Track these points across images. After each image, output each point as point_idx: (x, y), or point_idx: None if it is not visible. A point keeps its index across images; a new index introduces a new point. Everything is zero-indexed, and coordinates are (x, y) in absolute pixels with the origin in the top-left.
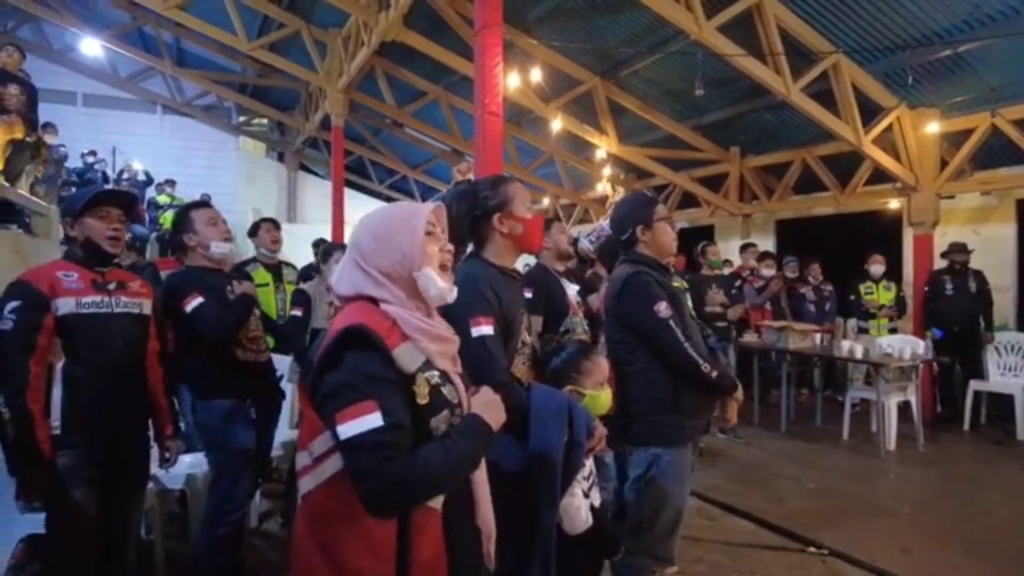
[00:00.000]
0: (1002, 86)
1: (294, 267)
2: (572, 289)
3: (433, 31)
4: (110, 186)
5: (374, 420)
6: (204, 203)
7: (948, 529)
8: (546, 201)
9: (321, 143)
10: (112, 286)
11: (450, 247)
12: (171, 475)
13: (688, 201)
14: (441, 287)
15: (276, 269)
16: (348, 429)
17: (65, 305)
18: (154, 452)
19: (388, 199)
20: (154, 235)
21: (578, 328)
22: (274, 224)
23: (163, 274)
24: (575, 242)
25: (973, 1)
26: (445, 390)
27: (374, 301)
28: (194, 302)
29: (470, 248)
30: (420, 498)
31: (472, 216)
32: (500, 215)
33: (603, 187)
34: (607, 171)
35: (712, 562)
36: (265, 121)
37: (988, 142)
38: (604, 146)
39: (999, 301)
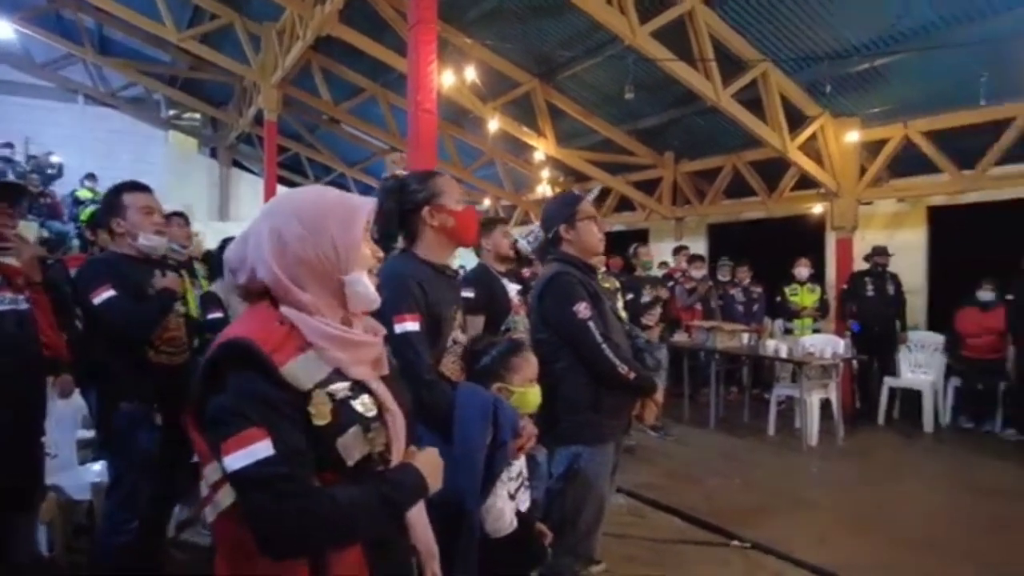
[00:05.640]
0: (913, 99)
1: (204, 262)
2: (513, 288)
3: (370, 27)
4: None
5: (263, 449)
6: (141, 187)
7: (864, 518)
8: (487, 202)
9: (255, 139)
10: None
11: (379, 252)
12: (77, 485)
13: (625, 205)
14: (372, 294)
15: (187, 265)
16: (235, 460)
17: None
18: (53, 463)
19: None
20: (75, 231)
21: (519, 327)
22: (184, 218)
23: (73, 272)
24: (514, 243)
25: (887, 19)
26: (357, 403)
27: (272, 298)
28: (104, 295)
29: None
30: (327, 541)
31: (402, 210)
32: (430, 208)
33: (543, 189)
34: (546, 173)
35: (640, 559)
36: (197, 115)
37: (902, 152)
38: (542, 148)
39: (911, 302)
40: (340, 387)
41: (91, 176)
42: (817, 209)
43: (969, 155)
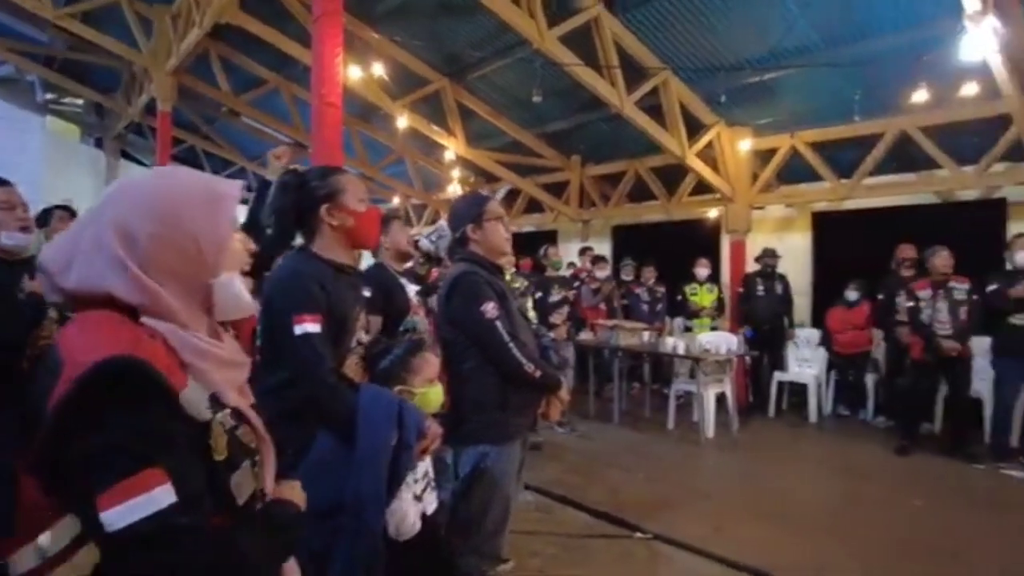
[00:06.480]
0: (798, 113)
1: None
2: (412, 288)
3: (273, 16)
4: None
5: (163, 497)
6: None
7: (754, 505)
8: (396, 201)
9: (147, 129)
10: None
11: (251, 244)
12: None
13: (534, 206)
14: (246, 299)
15: None
16: (121, 515)
17: None
18: None
19: None
20: None
21: (420, 327)
22: (70, 213)
23: None
24: (415, 242)
25: (774, 36)
26: (240, 433)
27: (122, 306)
28: None
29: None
30: None
31: (298, 207)
32: (329, 206)
33: (454, 189)
34: (456, 173)
35: (547, 555)
36: (80, 101)
37: (790, 161)
38: (452, 148)
39: (797, 302)
40: (225, 414)
41: None
42: (713, 213)
43: (848, 165)
